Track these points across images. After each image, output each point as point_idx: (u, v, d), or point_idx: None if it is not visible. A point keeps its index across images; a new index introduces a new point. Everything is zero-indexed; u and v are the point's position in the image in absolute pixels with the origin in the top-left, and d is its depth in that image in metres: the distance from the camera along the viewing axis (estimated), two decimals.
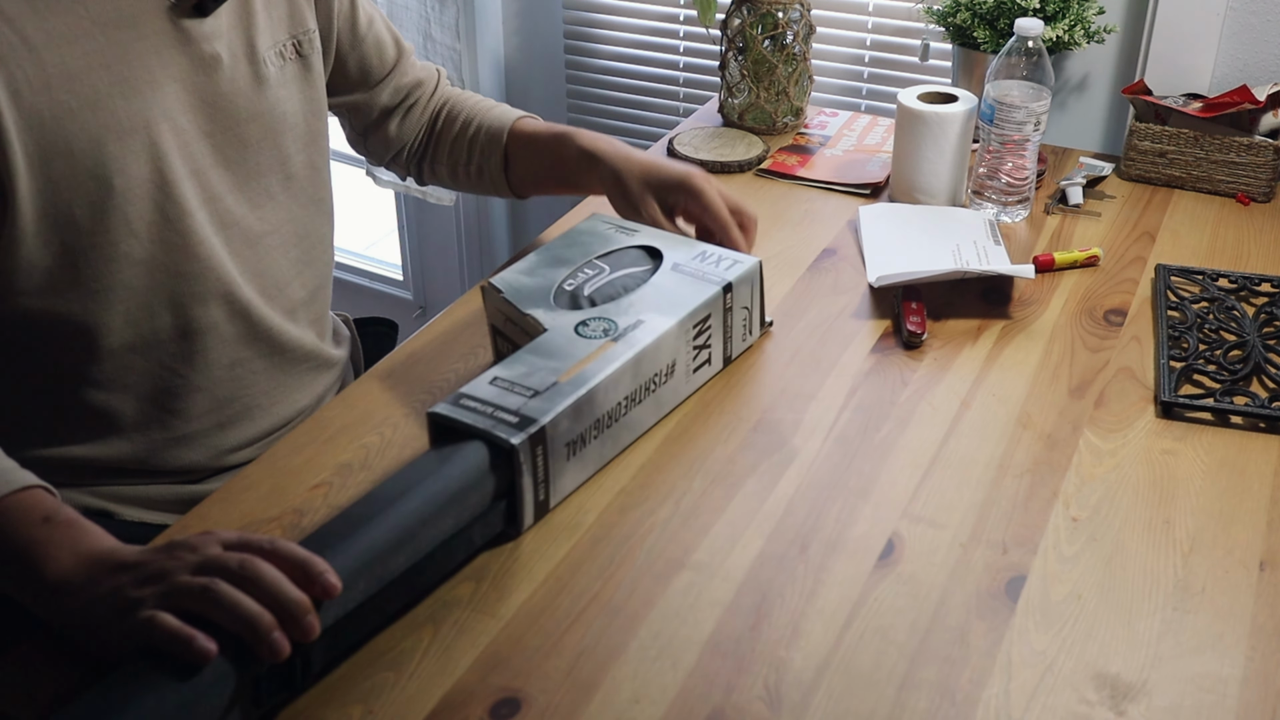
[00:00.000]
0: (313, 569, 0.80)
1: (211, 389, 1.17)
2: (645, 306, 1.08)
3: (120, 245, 1.07)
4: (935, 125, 1.41)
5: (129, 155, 1.05)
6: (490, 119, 1.36)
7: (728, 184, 1.53)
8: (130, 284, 1.09)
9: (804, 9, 1.62)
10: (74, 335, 1.09)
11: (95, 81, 1.02)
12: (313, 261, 1.25)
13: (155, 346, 1.13)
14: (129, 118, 1.05)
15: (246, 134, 1.15)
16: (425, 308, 2.52)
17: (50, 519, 0.87)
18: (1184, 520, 0.98)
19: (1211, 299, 1.26)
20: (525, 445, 0.93)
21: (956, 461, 1.05)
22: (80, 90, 1.02)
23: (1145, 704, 0.83)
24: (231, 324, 1.16)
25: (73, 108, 1.01)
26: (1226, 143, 1.47)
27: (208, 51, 1.10)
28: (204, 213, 1.12)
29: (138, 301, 1.10)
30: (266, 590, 0.78)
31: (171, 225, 1.10)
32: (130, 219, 1.07)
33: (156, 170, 1.07)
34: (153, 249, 1.09)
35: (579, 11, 2.12)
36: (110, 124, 1.03)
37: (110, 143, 1.04)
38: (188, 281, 1.12)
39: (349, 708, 0.82)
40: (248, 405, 1.20)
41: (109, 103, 1.03)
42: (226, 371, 1.18)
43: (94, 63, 1.02)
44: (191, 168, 1.11)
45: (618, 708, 0.82)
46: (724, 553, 0.95)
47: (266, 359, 1.21)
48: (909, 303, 1.24)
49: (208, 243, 1.12)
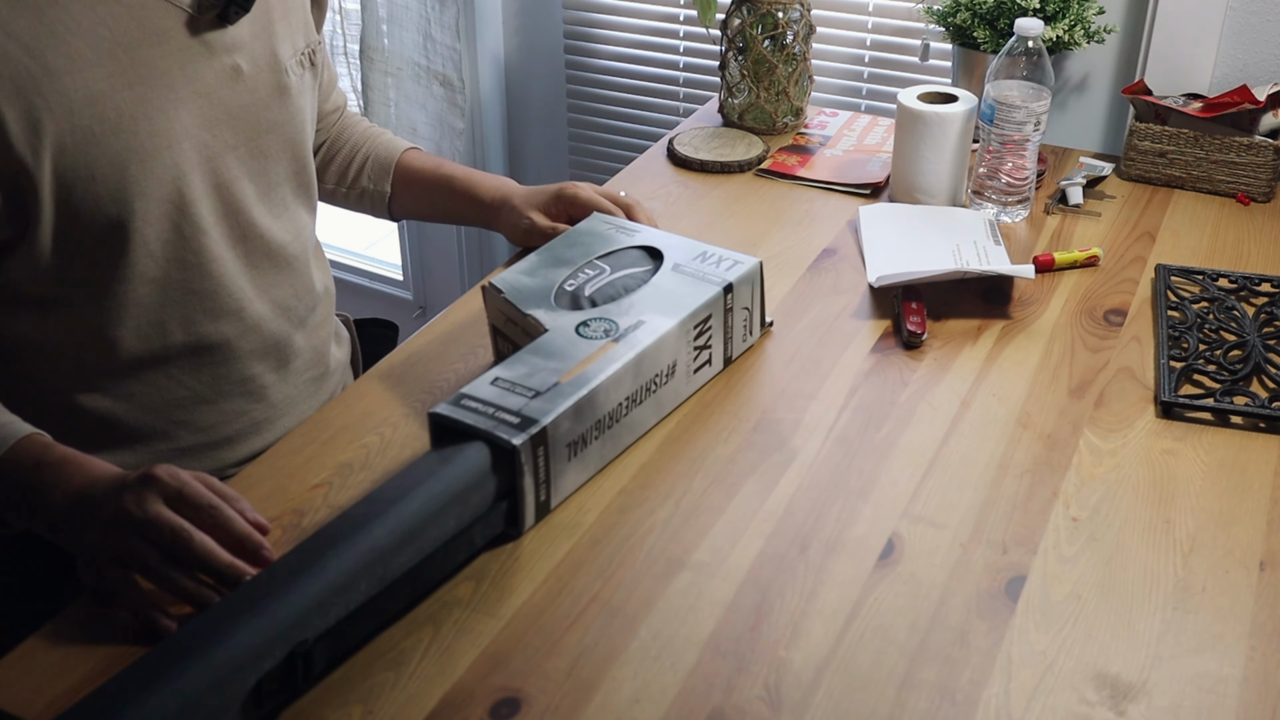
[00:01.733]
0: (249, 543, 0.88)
1: (219, 403, 1.17)
2: (646, 307, 1.08)
3: (137, 265, 1.07)
4: (935, 125, 1.41)
5: (150, 178, 1.05)
6: (379, 148, 1.40)
7: (728, 184, 1.53)
8: (143, 301, 1.09)
9: (804, 9, 1.62)
10: (84, 346, 1.09)
11: (119, 103, 1.02)
12: (321, 269, 1.27)
13: (165, 361, 1.13)
14: (151, 138, 1.04)
15: (266, 145, 1.15)
16: (425, 308, 2.52)
17: (41, 464, 0.94)
18: (1184, 520, 0.98)
19: (1211, 299, 1.26)
20: (527, 446, 0.93)
21: (956, 461, 1.05)
22: (103, 113, 1.01)
23: (1145, 704, 0.83)
24: (244, 339, 1.17)
25: (95, 132, 1.01)
26: (1226, 143, 1.47)
27: (230, 63, 1.10)
28: (221, 228, 1.13)
29: (150, 318, 1.10)
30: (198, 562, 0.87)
31: (187, 244, 1.10)
32: (148, 239, 1.07)
33: (176, 190, 1.07)
34: (167, 268, 1.09)
35: (579, 11, 2.12)
36: (133, 146, 1.03)
37: (132, 165, 1.03)
38: (201, 299, 1.12)
39: (349, 708, 0.82)
40: (255, 420, 1.21)
41: (132, 124, 1.03)
42: (236, 386, 1.18)
43: (117, 84, 1.02)
44: (214, 182, 1.11)
45: (618, 708, 0.82)
46: (724, 553, 0.95)
47: (276, 373, 1.21)
48: (909, 303, 1.24)
49: (221, 259, 1.13)
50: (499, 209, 1.33)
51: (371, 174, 1.38)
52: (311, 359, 1.26)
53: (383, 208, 1.40)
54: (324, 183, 1.39)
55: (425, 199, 1.39)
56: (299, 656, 0.80)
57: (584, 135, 2.21)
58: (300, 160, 1.20)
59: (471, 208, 1.36)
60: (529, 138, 2.27)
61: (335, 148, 1.39)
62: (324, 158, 1.39)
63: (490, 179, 1.36)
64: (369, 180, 1.38)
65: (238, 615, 0.79)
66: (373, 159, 1.39)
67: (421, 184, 1.38)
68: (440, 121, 2.17)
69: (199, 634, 0.78)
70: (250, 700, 0.78)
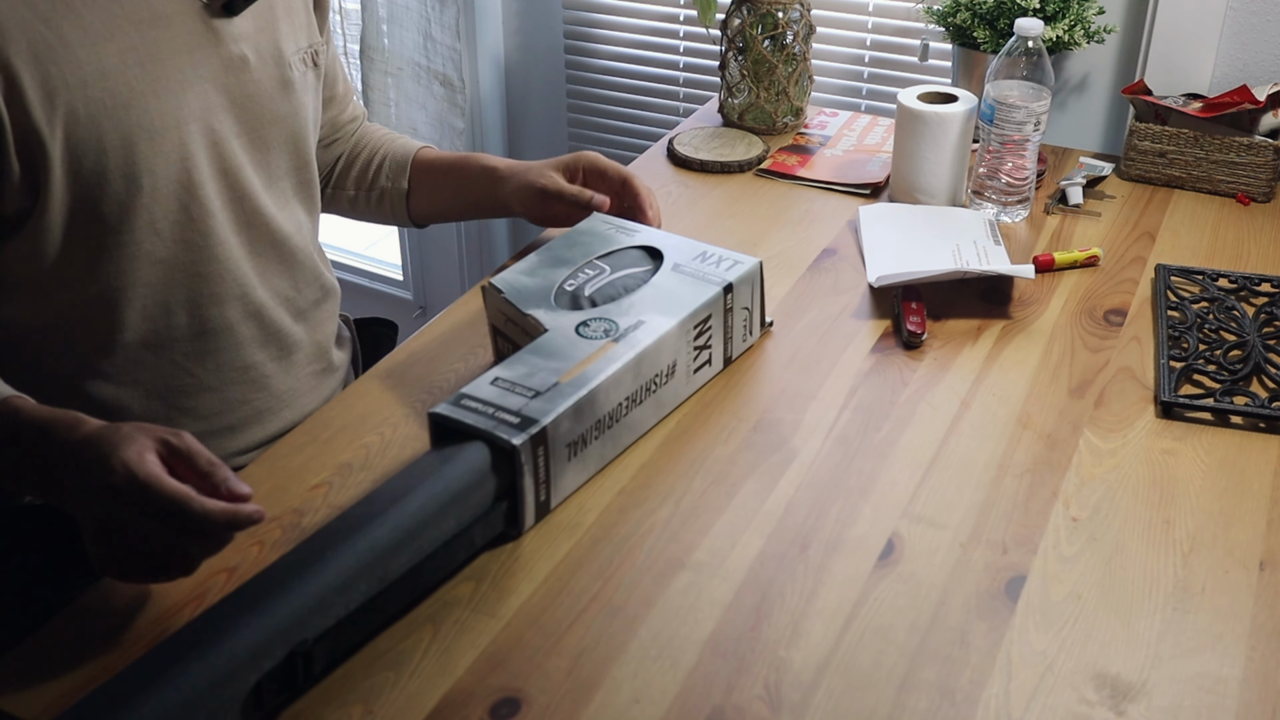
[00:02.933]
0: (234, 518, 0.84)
1: (222, 390, 1.18)
2: (646, 307, 1.08)
3: (144, 244, 1.08)
4: (935, 125, 1.41)
5: (158, 155, 1.06)
6: (395, 148, 1.40)
7: (728, 184, 1.53)
8: (149, 282, 1.10)
9: (804, 9, 1.62)
10: (89, 329, 1.10)
11: (129, 79, 1.03)
12: (324, 266, 1.27)
13: (169, 344, 1.13)
14: (160, 117, 1.06)
15: (269, 136, 1.16)
16: (425, 308, 2.52)
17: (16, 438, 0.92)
18: (1184, 520, 0.98)
19: (1211, 299, 1.26)
20: (526, 446, 0.93)
21: (956, 461, 1.05)
22: (114, 88, 1.03)
23: (1145, 704, 0.83)
24: (246, 325, 1.17)
25: (107, 105, 1.02)
26: (1226, 143, 1.47)
27: (236, 52, 1.11)
28: (228, 213, 1.14)
29: (155, 299, 1.11)
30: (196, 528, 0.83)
31: (195, 225, 1.11)
32: (155, 218, 1.08)
33: (184, 170, 1.08)
34: (174, 248, 1.10)
35: (579, 11, 2.12)
36: (142, 123, 1.04)
37: (141, 142, 1.05)
38: (206, 282, 1.13)
39: (349, 708, 0.82)
40: (258, 409, 1.21)
41: (141, 101, 1.04)
42: (238, 374, 1.18)
43: (128, 60, 1.03)
44: (220, 167, 1.12)
45: (618, 708, 0.82)
46: (724, 553, 0.95)
47: (277, 362, 1.22)
48: (909, 303, 1.24)
49: (228, 244, 1.14)
50: (515, 174, 1.32)
51: (389, 172, 1.38)
52: (314, 353, 1.26)
53: (401, 207, 1.39)
54: (345, 190, 1.40)
55: (442, 187, 1.38)
56: (299, 656, 0.80)
57: (584, 135, 2.21)
58: (302, 156, 1.21)
59: (488, 182, 1.34)
60: (529, 138, 2.27)
61: (355, 153, 1.40)
62: (344, 165, 1.40)
63: (506, 159, 1.37)
64: (387, 179, 1.38)
65: (238, 615, 0.79)
66: (390, 158, 1.39)
67: (438, 171, 1.38)
68: (440, 121, 2.18)
69: (199, 634, 0.78)
70: (250, 700, 0.78)
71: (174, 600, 0.90)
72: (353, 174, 1.40)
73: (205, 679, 0.76)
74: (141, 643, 0.87)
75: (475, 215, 1.43)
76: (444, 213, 1.42)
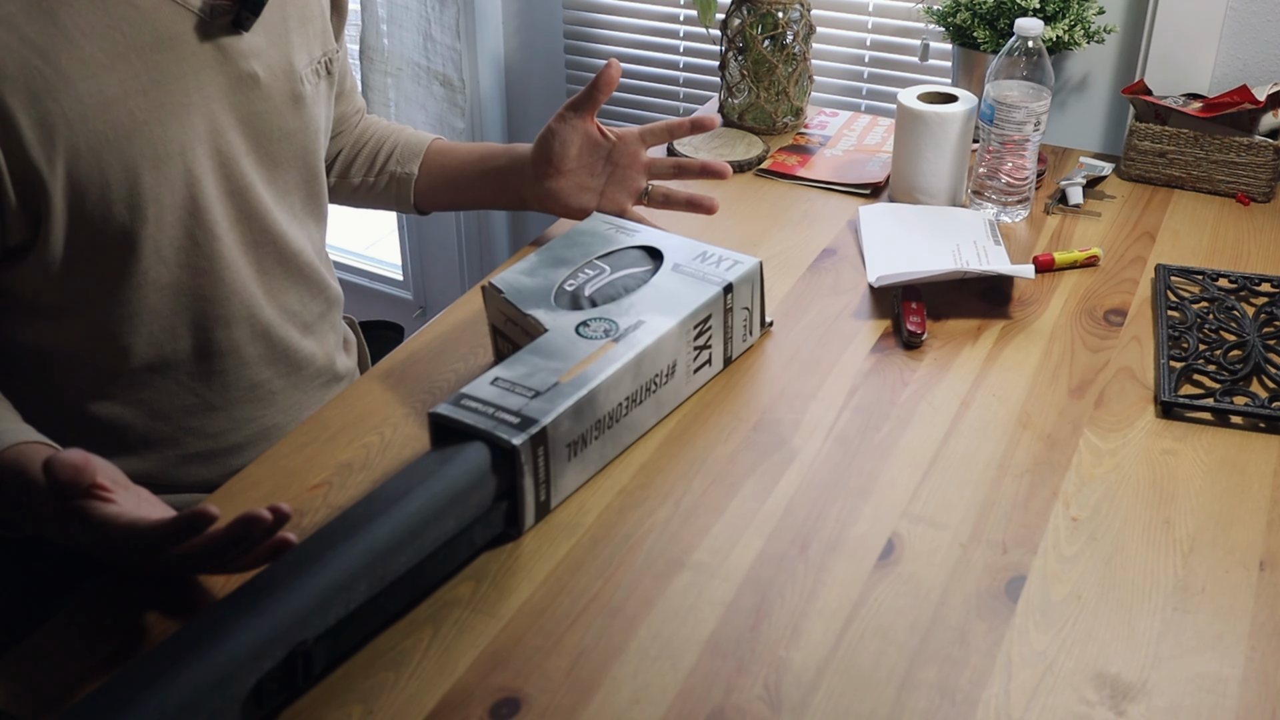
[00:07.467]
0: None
1: (229, 409, 1.17)
2: (646, 307, 1.08)
3: (149, 272, 1.07)
4: (935, 125, 1.41)
5: (163, 183, 1.04)
6: (408, 135, 1.40)
7: (727, 184, 1.53)
8: (155, 308, 1.09)
9: (804, 9, 1.62)
10: (95, 353, 1.09)
11: (133, 108, 1.01)
12: (329, 276, 1.27)
13: (175, 367, 1.13)
14: (165, 144, 1.04)
15: (279, 153, 1.15)
16: (425, 308, 2.52)
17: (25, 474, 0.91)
18: (1184, 520, 0.98)
19: (1211, 299, 1.26)
20: (526, 446, 0.93)
21: (956, 461, 1.05)
22: (117, 119, 1.00)
23: (1145, 704, 0.83)
24: (253, 345, 1.17)
25: (109, 138, 1.00)
26: (1226, 143, 1.47)
27: (246, 70, 1.09)
28: (235, 234, 1.12)
29: (161, 324, 1.10)
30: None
31: (200, 250, 1.09)
32: (161, 245, 1.07)
33: (190, 196, 1.07)
34: (180, 274, 1.09)
35: (579, 11, 2.12)
36: (147, 151, 1.02)
37: (146, 171, 1.03)
38: (213, 304, 1.12)
39: (349, 708, 0.82)
40: (265, 426, 1.21)
41: (146, 130, 1.02)
42: (245, 392, 1.18)
43: (131, 89, 1.01)
44: (228, 188, 1.10)
45: (618, 708, 0.82)
46: (724, 553, 0.95)
47: (285, 379, 1.21)
48: (909, 303, 1.24)
49: (234, 265, 1.13)
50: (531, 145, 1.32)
51: (400, 158, 1.37)
52: (321, 365, 1.26)
53: (407, 194, 1.38)
54: (350, 178, 1.39)
55: (457, 170, 1.37)
56: (299, 656, 0.80)
57: None
58: (311, 170, 1.20)
59: (508, 160, 1.34)
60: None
61: (360, 143, 1.39)
62: (349, 154, 1.39)
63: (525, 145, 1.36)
64: (397, 164, 1.37)
65: (238, 615, 0.79)
66: (402, 145, 1.38)
67: (455, 154, 1.38)
68: (440, 121, 2.17)
69: (199, 634, 0.78)
70: (250, 700, 0.78)
71: (174, 600, 0.90)
72: (359, 161, 1.39)
73: (205, 679, 0.76)
74: (141, 643, 0.87)
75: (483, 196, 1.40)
76: (452, 198, 1.40)
